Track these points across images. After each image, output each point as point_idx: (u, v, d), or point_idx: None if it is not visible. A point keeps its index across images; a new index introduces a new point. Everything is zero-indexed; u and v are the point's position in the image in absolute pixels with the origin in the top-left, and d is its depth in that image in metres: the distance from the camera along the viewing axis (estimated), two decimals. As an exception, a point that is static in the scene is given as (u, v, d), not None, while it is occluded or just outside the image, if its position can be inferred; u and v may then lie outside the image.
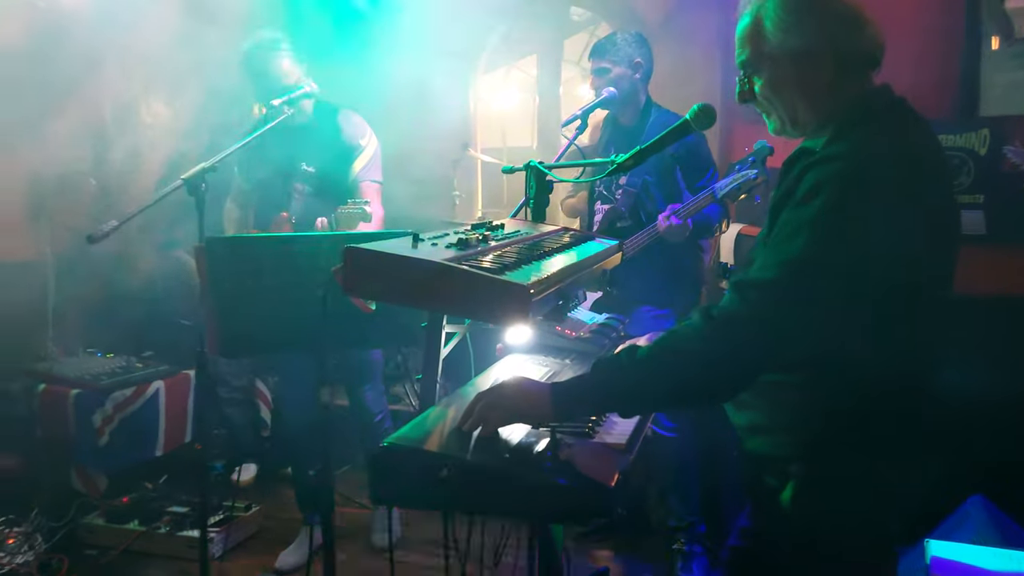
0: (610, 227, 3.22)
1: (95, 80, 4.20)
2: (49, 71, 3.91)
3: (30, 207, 3.92)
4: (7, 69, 3.73)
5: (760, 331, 1.28)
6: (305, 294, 2.03)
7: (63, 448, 3.51)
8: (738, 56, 1.50)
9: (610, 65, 3.11)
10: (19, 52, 3.79)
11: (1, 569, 3.04)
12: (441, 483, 1.27)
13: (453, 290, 1.36)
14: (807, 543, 1.45)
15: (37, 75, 3.86)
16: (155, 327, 4.12)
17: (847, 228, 1.27)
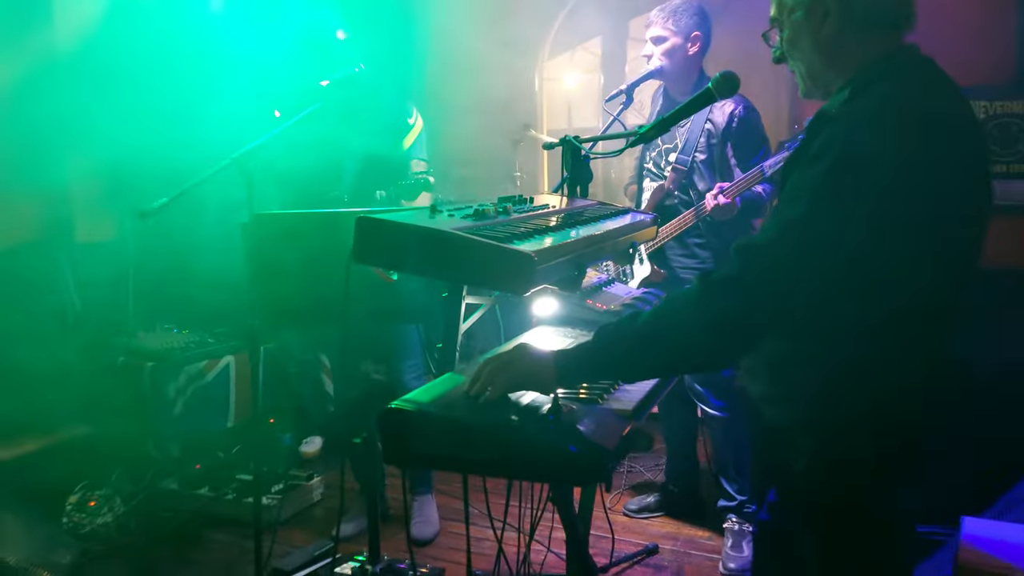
0: (658, 205, 3.20)
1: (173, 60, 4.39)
2: (125, 60, 4.12)
3: (112, 191, 4.14)
4: (86, 59, 3.96)
5: (756, 293, 1.27)
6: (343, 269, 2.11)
7: (140, 417, 3.73)
8: (771, 14, 1.51)
9: (668, 34, 3.06)
10: (96, 41, 4.01)
11: (83, 529, 3.27)
12: (442, 444, 1.32)
13: (459, 258, 1.40)
14: (819, 516, 1.44)
15: (114, 64, 4.07)
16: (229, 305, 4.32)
17: (847, 191, 1.25)
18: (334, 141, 3.11)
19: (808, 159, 1.32)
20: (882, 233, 1.25)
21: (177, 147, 4.41)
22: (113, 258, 4.10)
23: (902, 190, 1.24)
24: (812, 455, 1.41)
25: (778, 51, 1.50)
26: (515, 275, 1.36)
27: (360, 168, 3.15)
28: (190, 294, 4.15)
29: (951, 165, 1.29)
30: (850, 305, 1.31)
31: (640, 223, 2.09)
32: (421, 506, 3.29)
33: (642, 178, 3.36)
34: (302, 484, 3.61)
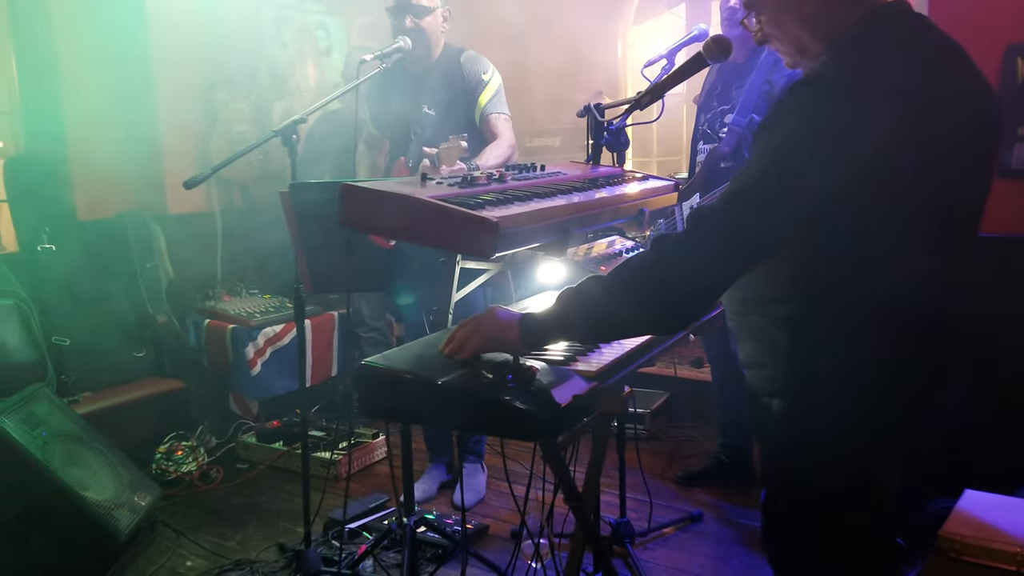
0: (712, 168, 3.15)
1: (255, 50, 4.64)
2: (214, 43, 4.39)
3: (202, 164, 4.42)
4: (179, 41, 4.24)
5: (703, 258, 1.28)
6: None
7: (222, 376, 4.02)
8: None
9: (737, 4, 3.01)
10: (189, 26, 4.28)
11: (168, 476, 3.57)
12: (408, 399, 1.40)
13: (430, 223, 1.47)
14: (789, 484, 1.44)
15: (204, 48, 4.34)
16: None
17: (805, 154, 1.23)
18: (405, 107, 3.17)
19: (776, 119, 1.31)
20: (836, 204, 1.23)
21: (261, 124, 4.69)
22: (203, 227, 4.40)
23: (857, 157, 1.21)
24: (782, 416, 1.40)
25: (760, 33, 1.47)
26: (479, 240, 1.42)
27: (432, 133, 3.16)
28: (272, 260, 4.41)
29: (904, 140, 1.23)
30: (810, 273, 1.29)
31: (654, 189, 2.09)
32: (468, 474, 3.40)
33: (697, 140, 3.31)
34: (367, 442, 3.80)
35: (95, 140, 3.88)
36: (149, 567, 2.88)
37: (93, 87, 3.93)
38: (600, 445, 2.05)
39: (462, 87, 3.15)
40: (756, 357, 1.46)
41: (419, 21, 3.03)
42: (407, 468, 2.51)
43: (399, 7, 3.05)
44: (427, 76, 3.17)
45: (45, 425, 2.90)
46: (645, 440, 3.92)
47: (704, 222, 1.30)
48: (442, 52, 3.18)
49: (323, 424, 4.00)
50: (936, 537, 1.69)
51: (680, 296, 1.30)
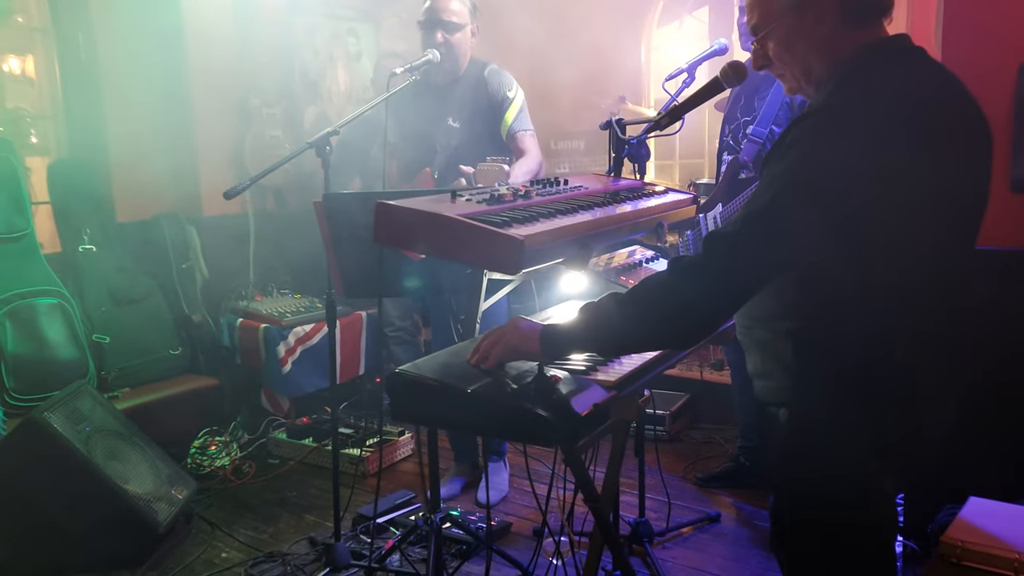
0: (733, 177, 3.22)
1: (287, 57, 4.77)
2: (248, 50, 4.51)
3: (236, 168, 4.56)
4: (215, 48, 4.37)
5: (717, 280, 1.36)
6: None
7: (255, 374, 4.15)
8: (749, 21, 1.54)
9: None
10: (224, 34, 4.41)
11: (203, 469, 3.71)
12: (436, 405, 1.50)
13: (459, 240, 1.56)
14: (791, 492, 1.52)
15: (239, 55, 4.47)
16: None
17: (805, 187, 1.31)
18: (430, 118, 3.27)
19: (783, 150, 1.38)
20: (839, 228, 1.30)
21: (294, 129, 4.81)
22: (236, 229, 4.53)
23: (857, 189, 1.28)
24: (788, 427, 1.48)
25: (762, 57, 1.54)
26: (506, 258, 1.51)
27: (457, 144, 3.26)
28: (303, 261, 4.53)
29: (903, 170, 1.30)
30: (812, 291, 1.37)
31: (674, 203, 2.16)
32: (492, 472, 3.49)
33: (722, 151, 3.38)
34: (393, 440, 3.91)
35: (134, 144, 4.03)
36: (186, 558, 3.00)
37: (132, 93, 4.08)
38: (619, 448, 2.13)
39: (487, 102, 3.23)
40: (763, 368, 1.54)
41: (450, 37, 3.12)
42: (433, 467, 2.61)
43: (431, 22, 3.14)
44: (452, 89, 3.26)
45: (88, 420, 3.03)
46: (666, 441, 3.99)
47: (716, 246, 1.38)
48: (468, 66, 3.27)
49: (351, 421, 4.12)
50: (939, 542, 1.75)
51: (693, 316, 1.39)
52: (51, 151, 4.16)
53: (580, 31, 5.60)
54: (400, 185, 3.45)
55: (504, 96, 3.23)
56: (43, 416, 2.84)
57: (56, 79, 4.07)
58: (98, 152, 4.02)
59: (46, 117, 4.10)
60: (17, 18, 5.60)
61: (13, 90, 4.30)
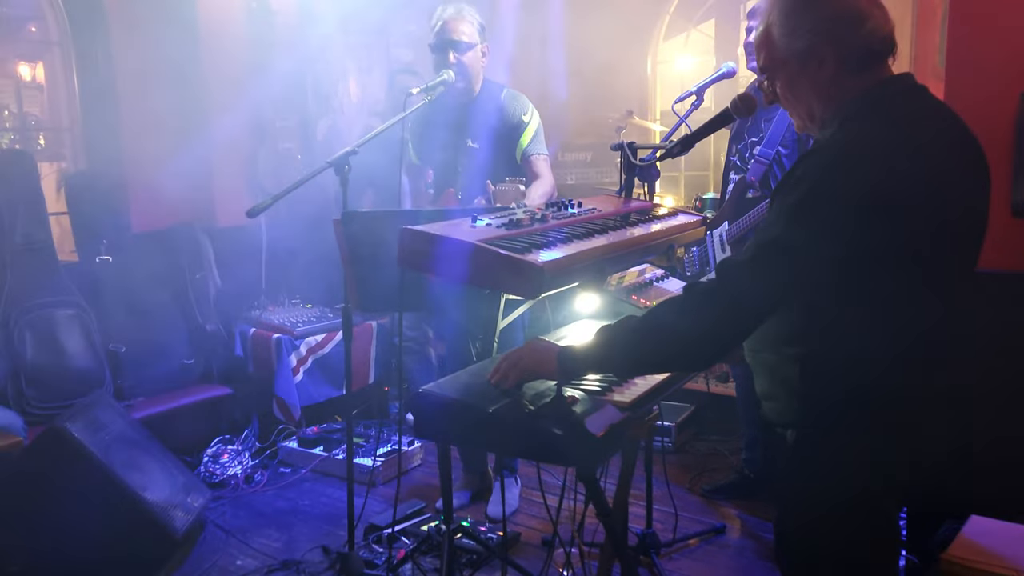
0: (739, 196, 3.28)
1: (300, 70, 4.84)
2: (262, 63, 4.58)
3: (249, 180, 4.63)
4: (229, 61, 4.45)
5: (729, 307, 1.43)
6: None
7: (267, 383, 4.21)
8: (757, 61, 1.62)
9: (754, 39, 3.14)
10: (239, 47, 4.49)
11: (216, 478, 3.77)
12: (458, 423, 1.56)
13: (482, 266, 1.62)
14: (796, 511, 1.58)
15: (253, 68, 4.54)
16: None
17: (814, 219, 1.37)
18: (451, 139, 3.34)
19: (792, 184, 1.45)
20: (845, 257, 1.37)
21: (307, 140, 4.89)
22: (249, 239, 4.60)
23: (859, 222, 1.35)
24: (794, 448, 1.55)
25: (771, 94, 1.60)
26: (527, 282, 1.58)
27: (477, 165, 3.33)
28: (315, 271, 4.60)
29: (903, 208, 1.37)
30: (818, 317, 1.44)
31: (684, 225, 2.23)
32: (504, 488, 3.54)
33: (728, 170, 3.45)
34: (404, 449, 3.97)
35: (150, 156, 4.11)
36: (202, 564, 3.06)
37: (149, 105, 4.14)
38: (629, 465, 2.19)
39: (504, 125, 3.31)
40: (770, 391, 1.61)
41: (461, 56, 3.19)
42: (446, 479, 2.67)
43: (442, 43, 3.21)
44: (469, 110, 3.33)
45: (107, 429, 3.10)
46: (672, 452, 4.05)
47: (729, 274, 1.44)
48: (483, 88, 3.34)
49: (362, 431, 4.18)
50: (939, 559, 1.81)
51: (707, 342, 1.46)
52: (69, 164, 4.24)
53: (587, 44, 5.68)
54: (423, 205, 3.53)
55: (520, 120, 3.31)
56: (64, 425, 2.91)
57: (75, 92, 4.15)
58: (115, 164, 4.10)
59: (65, 130, 4.18)
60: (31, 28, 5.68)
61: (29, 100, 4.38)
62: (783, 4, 1.53)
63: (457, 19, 3.21)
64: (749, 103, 1.85)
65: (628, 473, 2.20)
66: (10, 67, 5.36)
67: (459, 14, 3.22)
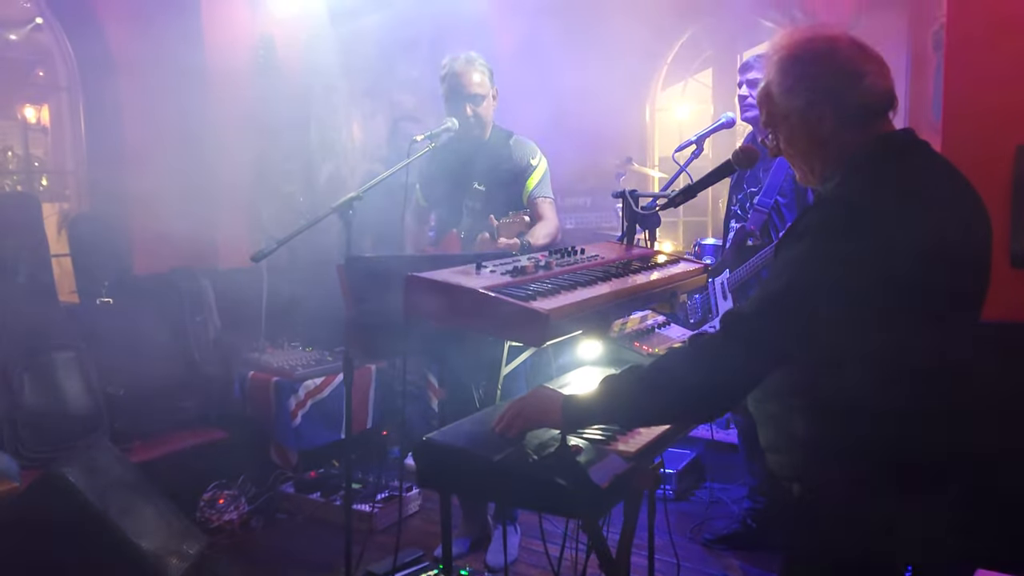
0: (740, 244, 3.31)
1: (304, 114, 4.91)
2: (267, 109, 4.65)
3: (251, 223, 4.66)
4: (234, 105, 4.51)
5: (734, 358, 1.43)
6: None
7: (264, 426, 4.18)
8: (760, 115, 1.65)
9: (747, 92, 3.20)
10: (244, 92, 4.56)
11: (212, 524, 3.72)
12: (464, 473, 1.55)
13: (487, 313, 1.62)
14: (802, 564, 1.57)
15: (257, 112, 4.60)
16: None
17: (818, 272, 1.39)
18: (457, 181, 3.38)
19: (795, 236, 1.47)
20: (849, 311, 1.38)
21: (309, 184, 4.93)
22: (249, 282, 4.60)
23: (862, 276, 1.37)
24: (800, 501, 1.54)
25: (775, 148, 1.63)
26: (532, 330, 1.58)
27: (482, 207, 3.34)
28: (315, 314, 4.59)
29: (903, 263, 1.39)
30: (826, 369, 1.44)
31: (686, 273, 2.24)
32: (501, 534, 3.51)
33: (729, 219, 3.48)
34: (403, 495, 3.93)
35: (154, 199, 4.12)
36: (196, 614, 3.01)
37: (154, 149, 4.20)
38: (633, 514, 2.16)
39: (511, 169, 3.34)
40: (775, 442, 1.60)
41: (477, 108, 3.24)
42: (446, 528, 2.63)
43: (457, 96, 3.24)
44: (477, 154, 3.36)
45: (103, 474, 3.06)
46: (673, 500, 4.01)
47: (735, 327, 1.45)
48: (492, 132, 3.38)
49: (360, 476, 4.14)
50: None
51: (713, 395, 1.46)
52: (73, 205, 4.26)
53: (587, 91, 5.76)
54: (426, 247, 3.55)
55: (528, 164, 3.34)
56: (61, 471, 2.88)
57: (81, 135, 4.19)
58: (119, 207, 4.13)
59: (70, 173, 4.21)
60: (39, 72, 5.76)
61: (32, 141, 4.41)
62: (780, 63, 1.56)
63: (470, 70, 3.24)
64: (750, 155, 1.88)
65: (631, 523, 2.17)
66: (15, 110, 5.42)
67: (471, 65, 3.25)
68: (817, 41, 1.55)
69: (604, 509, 1.53)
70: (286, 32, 4.75)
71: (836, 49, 1.53)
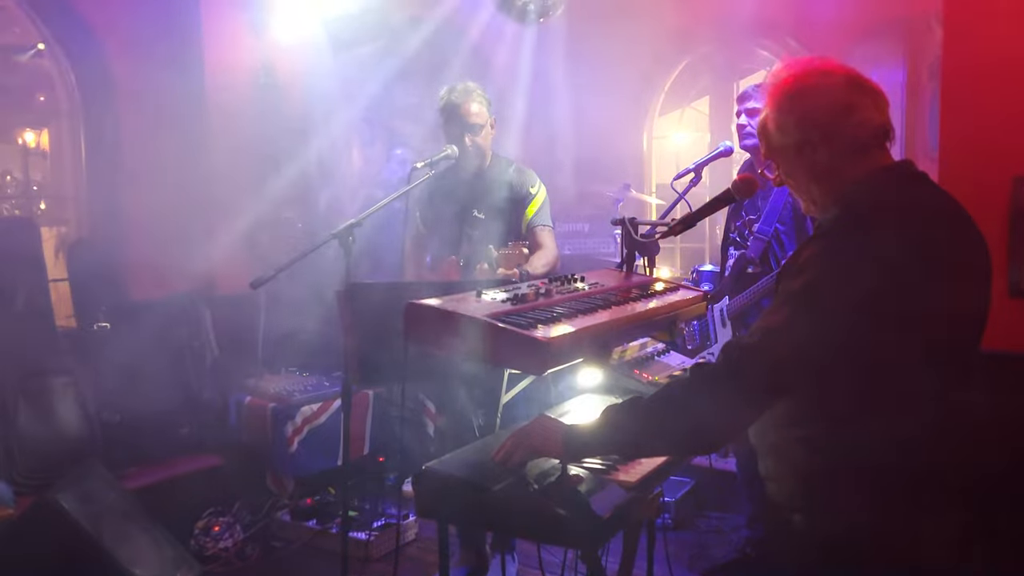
0: (740, 273, 3.32)
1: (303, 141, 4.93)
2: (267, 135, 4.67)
3: (248, 248, 4.65)
4: (234, 132, 4.54)
5: (738, 389, 1.43)
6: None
7: (260, 453, 4.15)
8: (760, 147, 1.67)
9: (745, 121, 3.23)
10: (244, 118, 4.58)
11: (207, 551, 3.68)
12: (464, 503, 1.54)
13: (487, 341, 1.63)
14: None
15: (257, 138, 4.63)
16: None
17: (819, 304, 1.39)
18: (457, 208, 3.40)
19: (795, 270, 1.47)
20: (849, 345, 1.38)
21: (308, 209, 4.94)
22: (247, 307, 4.60)
23: (862, 310, 1.38)
24: (800, 531, 1.53)
25: (777, 178, 1.65)
26: (533, 359, 1.58)
27: (482, 235, 3.37)
28: (312, 339, 4.58)
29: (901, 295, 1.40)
30: (828, 400, 1.44)
31: (685, 301, 2.24)
32: (498, 565, 3.48)
33: (728, 246, 3.49)
34: (399, 523, 3.90)
35: (153, 224, 4.14)
36: (189, 644, 2.97)
37: (153, 174, 4.21)
38: (632, 544, 2.15)
39: (511, 197, 3.36)
40: (776, 473, 1.60)
41: (476, 138, 3.27)
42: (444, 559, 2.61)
43: (457, 126, 3.27)
44: (477, 182, 3.38)
45: (98, 501, 3.04)
46: (671, 528, 3.98)
47: (736, 358, 1.45)
48: (492, 160, 3.41)
49: (356, 503, 4.11)
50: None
51: (715, 427, 1.46)
52: (71, 230, 4.27)
53: (585, 118, 5.81)
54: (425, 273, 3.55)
55: (527, 192, 3.37)
56: (55, 497, 2.86)
57: (81, 160, 4.20)
58: (118, 232, 4.13)
59: (70, 198, 4.22)
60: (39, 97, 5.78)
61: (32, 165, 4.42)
62: (776, 98, 1.59)
63: (468, 100, 3.28)
64: (750, 185, 1.90)
65: (631, 554, 2.16)
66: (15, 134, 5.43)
67: (469, 95, 3.29)
68: (812, 75, 1.57)
69: (604, 539, 1.52)
70: (287, 59, 4.79)
71: (829, 83, 1.55)
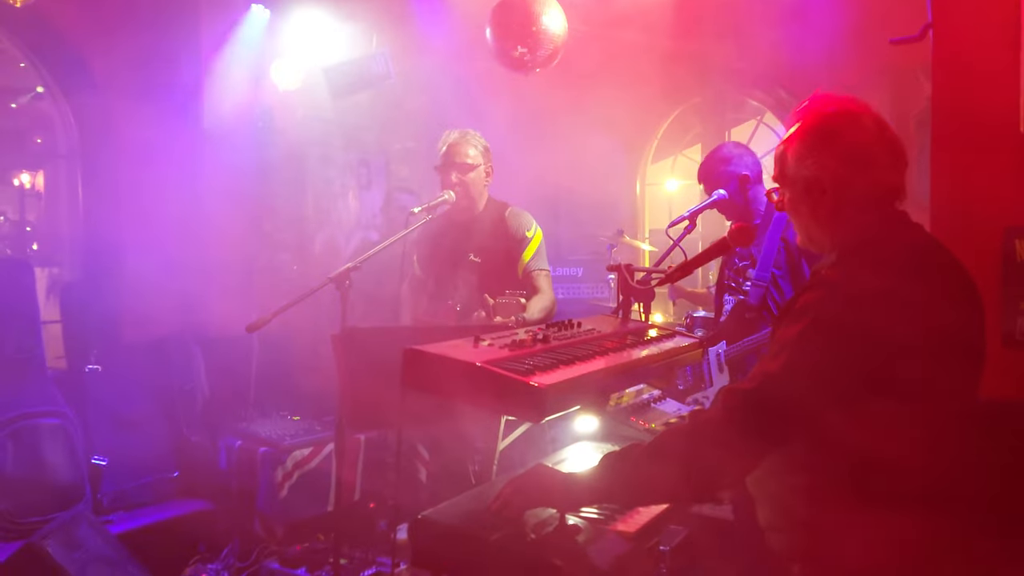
0: (738, 319, 3.33)
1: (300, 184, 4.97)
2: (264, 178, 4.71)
3: (245, 290, 4.65)
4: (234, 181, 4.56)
5: (736, 435, 1.43)
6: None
7: (250, 498, 4.09)
8: (774, 168, 1.69)
9: None
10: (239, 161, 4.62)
11: (194, 598, 3.62)
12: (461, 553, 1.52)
13: (485, 387, 1.62)
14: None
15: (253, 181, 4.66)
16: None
17: (816, 352, 1.40)
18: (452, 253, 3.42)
19: (793, 316, 1.48)
20: (846, 394, 1.39)
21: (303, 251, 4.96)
22: (239, 350, 4.57)
23: (859, 356, 1.39)
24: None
25: (779, 203, 1.67)
26: (530, 406, 1.57)
27: (478, 279, 3.38)
28: (305, 383, 4.55)
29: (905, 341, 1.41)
30: (822, 449, 1.44)
31: (681, 348, 2.25)
32: None
33: (722, 292, 3.50)
34: (392, 572, 3.83)
35: (147, 267, 4.13)
36: None
37: (149, 216, 4.21)
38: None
39: (506, 241, 3.38)
40: (775, 521, 1.59)
41: (463, 177, 3.31)
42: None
43: (446, 164, 3.34)
44: (473, 226, 3.41)
45: (84, 548, 2.99)
46: (665, 578, 3.92)
47: (735, 405, 1.45)
48: (487, 205, 3.44)
49: (346, 550, 4.04)
50: None
51: (714, 475, 1.46)
52: (65, 270, 4.26)
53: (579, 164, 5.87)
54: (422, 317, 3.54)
55: (523, 236, 3.40)
56: (41, 543, 2.81)
57: (78, 202, 4.22)
58: (113, 274, 4.13)
59: (62, 238, 4.23)
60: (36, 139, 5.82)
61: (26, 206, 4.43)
62: (804, 130, 1.59)
63: (461, 142, 3.38)
64: (746, 234, 1.91)
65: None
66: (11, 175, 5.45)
67: (463, 138, 3.39)
68: (843, 118, 1.57)
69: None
70: (285, 104, 4.84)
71: (856, 132, 1.55)
